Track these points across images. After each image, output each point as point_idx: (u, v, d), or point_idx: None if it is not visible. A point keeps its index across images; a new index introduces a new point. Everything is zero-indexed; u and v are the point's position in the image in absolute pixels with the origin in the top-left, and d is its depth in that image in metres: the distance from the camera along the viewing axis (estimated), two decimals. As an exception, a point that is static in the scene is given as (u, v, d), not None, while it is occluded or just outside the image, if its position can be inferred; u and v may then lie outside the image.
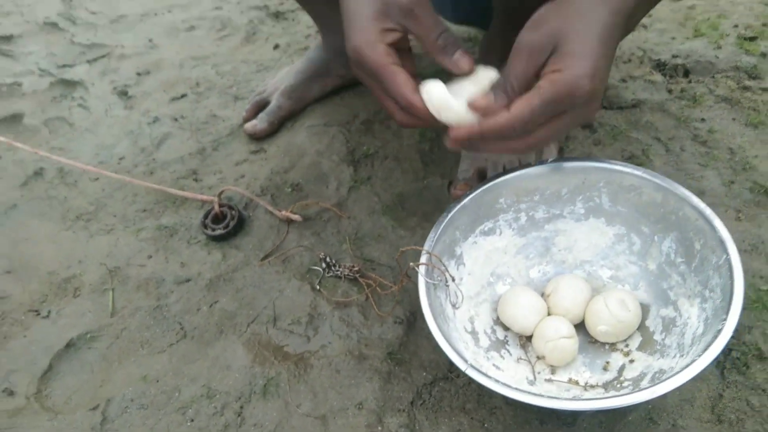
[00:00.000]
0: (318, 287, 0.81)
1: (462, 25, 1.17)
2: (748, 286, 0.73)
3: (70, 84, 1.36)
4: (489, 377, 0.54)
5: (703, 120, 0.95)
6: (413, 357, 0.72)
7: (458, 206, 0.68)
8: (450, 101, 0.56)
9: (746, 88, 0.99)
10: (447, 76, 0.60)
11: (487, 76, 0.58)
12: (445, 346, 0.58)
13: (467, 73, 0.59)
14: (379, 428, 0.66)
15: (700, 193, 0.83)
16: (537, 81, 0.55)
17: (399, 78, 0.57)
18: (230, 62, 1.34)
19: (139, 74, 1.35)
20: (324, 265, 0.83)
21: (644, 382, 0.60)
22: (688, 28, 1.15)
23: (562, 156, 0.93)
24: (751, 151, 0.88)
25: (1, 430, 0.72)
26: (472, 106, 0.56)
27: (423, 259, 0.64)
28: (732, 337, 0.68)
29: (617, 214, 0.70)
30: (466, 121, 0.56)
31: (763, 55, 1.04)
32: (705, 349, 0.52)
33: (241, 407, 0.70)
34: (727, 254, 0.58)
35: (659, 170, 0.87)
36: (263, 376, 0.73)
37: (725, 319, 0.54)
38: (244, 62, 1.32)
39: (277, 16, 1.47)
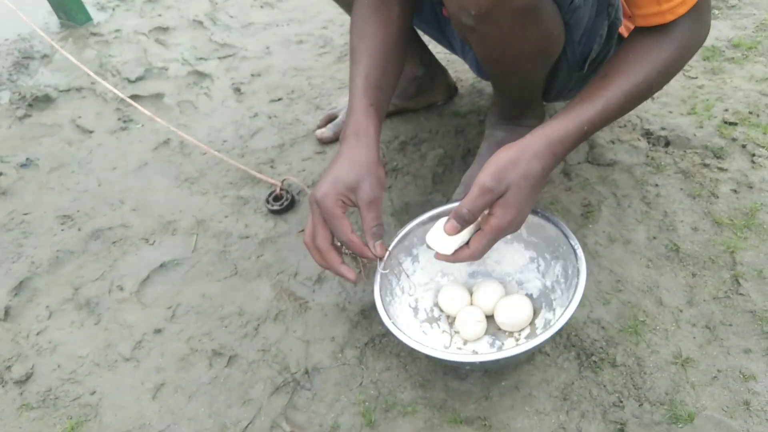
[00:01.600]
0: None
1: (487, 81, 1.45)
2: (631, 316, 0.99)
3: (201, 75, 1.78)
4: (397, 328, 0.85)
5: (656, 185, 1.18)
6: (377, 316, 1.03)
7: (417, 221, 0.99)
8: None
9: (705, 165, 1.21)
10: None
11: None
12: (379, 306, 0.89)
13: (379, 256, 0.87)
14: (340, 355, 0.99)
15: (626, 242, 1.09)
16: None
17: (344, 223, 0.86)
18: (321, 77, 1.69)
19: (252, 75, 1.74)
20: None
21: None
22: (687, 105, 1.37)
23: (536, 195, 1.20)
24: (680, 216, 1.12)
25: (111, 310, 1.12)
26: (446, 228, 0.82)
27: (385, 254, 0.96)
28: (601, 348, 0.96)
29: (531, 242, 0.99)
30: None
31: (733, 139, 1.25)
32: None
33: (258, 325, 1.06)
34: (578, 279, 0.85)
35: (605, 219, 1.14)
36: (277, 308, 1.08)
37: (555, 324, 0.81)
38: (332, 79, 1.67)
39: (367, 42, 1.81)
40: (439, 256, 0.86)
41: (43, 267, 1.23)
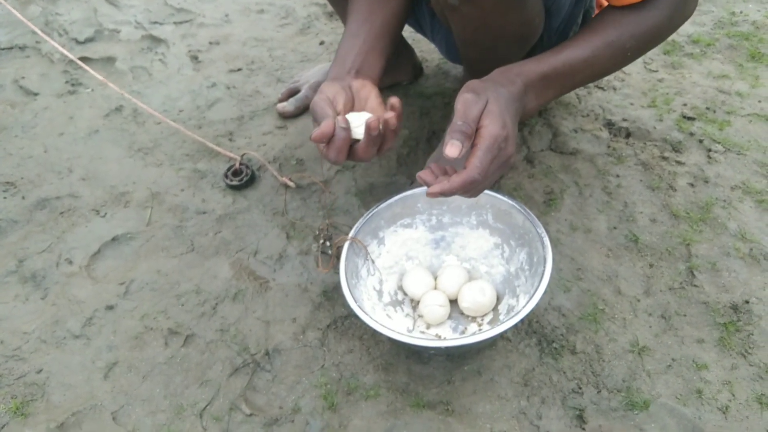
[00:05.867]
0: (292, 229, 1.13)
1: (455, 63, 1.44)
2: (591, 304, 1.01)
3: (156, 40, 1.70)
4: (363, 311, 0.84)
5: (617, 176, 1.20)
6: (339, 297, 1.02)
7: (385, 204, 0.98)
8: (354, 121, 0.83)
9: (664, 158, 1.23)
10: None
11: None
12: (345, 288, 0.88)
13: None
14: (301, 337, 0.97)
15: (587, 231, 1.11)
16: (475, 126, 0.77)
17: (327, 110, 0.82)
18: (283, 48, 1.65)
19: (210, 43, 1.68)
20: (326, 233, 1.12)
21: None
22: (648, 97, 1.40)
23: (501, 180, 1.20)
24: (640, 207, 1.14)
25: (60, 285, 1.07)
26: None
27: (349, 236, 0.95)
28: (561, 335, 0.97)
29: (497, 228, 0.99)
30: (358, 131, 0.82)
31: (691, 134, 1.28)
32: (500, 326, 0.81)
33: (216, 304, 1.02)
34: (544, 267, 0.86)
35: (567, 207, 1.15)
36: (236, 287, 1.05)
37: (520, 311, 0.82)
38: (293, 51, 1.63)
39: (331, 15, 1.77)
40: (432, 193, 0.74)
41: (-17, 236, 1.16)
